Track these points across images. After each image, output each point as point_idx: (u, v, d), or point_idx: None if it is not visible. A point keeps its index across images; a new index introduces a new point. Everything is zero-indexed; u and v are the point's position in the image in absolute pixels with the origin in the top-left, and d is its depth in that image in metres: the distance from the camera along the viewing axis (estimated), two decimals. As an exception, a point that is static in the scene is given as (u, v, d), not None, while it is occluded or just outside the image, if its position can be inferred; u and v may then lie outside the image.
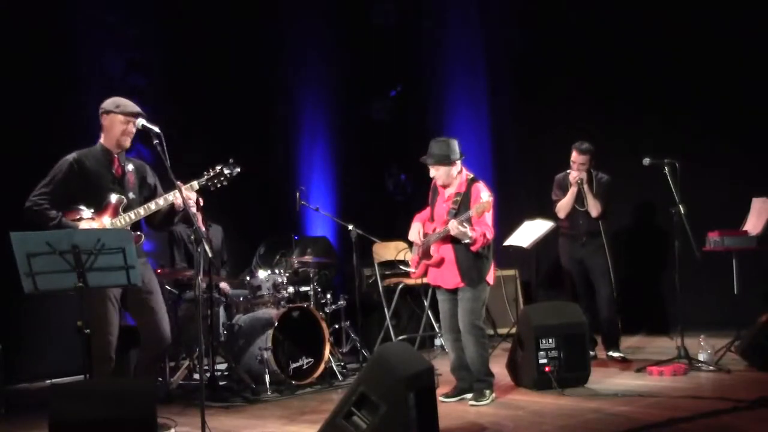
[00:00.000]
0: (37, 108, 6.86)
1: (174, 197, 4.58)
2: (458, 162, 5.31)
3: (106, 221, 4.50)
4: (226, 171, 4.73)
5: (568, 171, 6.64)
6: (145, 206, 4.62)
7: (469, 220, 5.05)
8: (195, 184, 4.67)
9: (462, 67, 9.49)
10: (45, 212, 4.41)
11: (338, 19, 9.42)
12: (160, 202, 4.61)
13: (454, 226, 5.03)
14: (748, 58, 7.40)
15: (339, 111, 9.49)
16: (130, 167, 4.76)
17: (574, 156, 6.54)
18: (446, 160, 5.26)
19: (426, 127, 9.64)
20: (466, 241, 5.07)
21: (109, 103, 4.68)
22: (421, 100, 9.71)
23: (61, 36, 7.21)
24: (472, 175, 5.34)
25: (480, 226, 5.08)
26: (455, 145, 5.32)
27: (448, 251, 5.24)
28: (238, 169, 4.77)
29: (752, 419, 4.46)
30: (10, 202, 4.71)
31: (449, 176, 5.30)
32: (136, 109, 4.66)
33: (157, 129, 4.54)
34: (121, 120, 4.63)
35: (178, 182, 4.48)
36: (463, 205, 5.16)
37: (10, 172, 6.48)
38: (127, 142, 4.68)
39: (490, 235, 5.15)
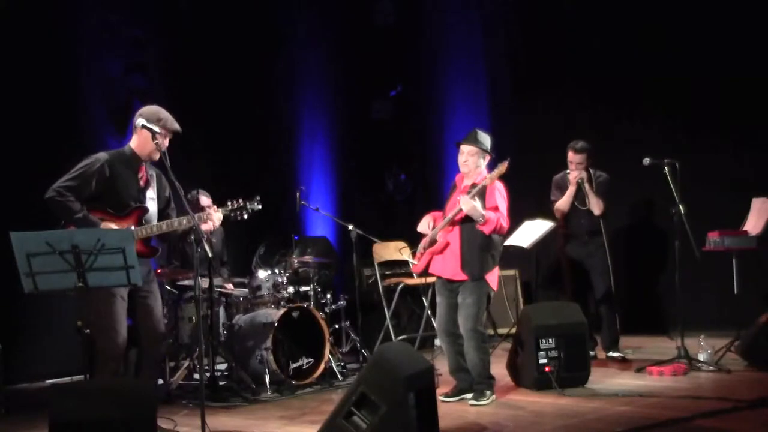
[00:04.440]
0: (38, 108, 6.86)
1: (200, 221, 4.58)
2: (487, 158, 5.31)
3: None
4: (249, 206, 4.92)
5: (566, 171, 6.64)
6: (168, 222, 4.61)
7: (482, 193, 5.04)
8: (220, 213, 4.80)
9: (462, 66, 9.49)
10: (70, 204, 4.35)
11: (338, 19, 9.42)
12: (184, 222, 4.60)
13: (465, 200, 5.00)
14: (748, 57, 7.39)
15: (339, 111, 9.49)
16: (152, 177, 4.75)
17: (571, 156, 6.55)
18: (481, 146, 5.26)
19: (426, 127, 9.66)
20: (478, 219, 5.03)
21: (150, 114, 4.60)
22: (421, 100, 9.72)
23: (62, 36, 7.21)
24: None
25: (496, 213, 5.08)
26: (490, 141, 5.34)
27: (454, 237, 5.23)
28: (260, 207, 4.96)
29: (752, 419, 4.46)
30: (10, 202, 4.72)
31: (476, 164, 5.28)
32: (177, 126, 4.63)
33: (157, 129, 4.55)
34: (161, 132, 4.57)
35: (214, 207, 4.69)
36: (476, 194, 5.11)
37: (10, 172, 6.49)
38: (158, 156, 4.61)
39: (505, 223, 5.14)
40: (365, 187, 9.46)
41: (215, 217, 4.70)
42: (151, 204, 4.67)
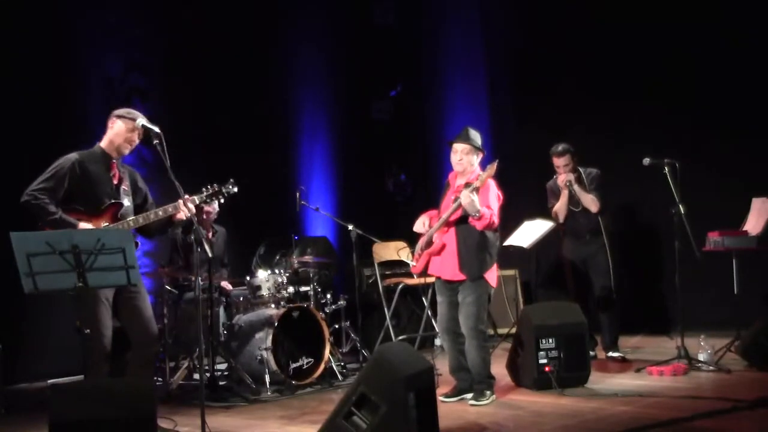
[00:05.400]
0: (38, 108, 6.86)
1: (175, 210, 4.62)
2: (480, 155, 5.32)
3: (104, 225, 4.50)
4: (224, 190, 4.92)
5: (555, 176, 6.65)
6: (145, 215, 4.65)
7: (475, 192, 5.03)
8: (195, 199, 4.79)
9: (462, 67, 9.49)
10: (45, 206, 4.39)
11: (338, 19, 9.43)
12: (159, 213, 4.64)
13: (465, 194, 4.97)
14: (748, 57, 7.40)
15: (339, 111, 9.49)
16: (125, 174, 4.79)
17: (555, 160, 6.56)
18: (474, 143, 5.26)
19: (426, 127, 9.66)
20: (474, 213, 5.01)
21: (121, 110, 4.72)
22: (421, 100, 9.72)
23: (62, 36, 7.21)
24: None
25: (489, 210, 5.09)
26: (480, 140, 5.35)
27: (450, 238, 5.23)
28: (235, 189, 4.96)
29: (752, 419, 4.46)
30: (10, 202, 4.71)
31: (470, 163, 5.27)
32: (145, 120, 4.69)
33: (157, 129, 4.56)
34: (129, 127, 4.64)
35: (186, 197, 4.59)
36: (473, 191, 5.11)
37: (10, 172, 6.48)
38: (127, 151, 4.71)
39: (496, 219, 5.15)
40: (365, 187, 9.46)
41: (185, 207, 4.63)
42: (126, 200, 4.69)
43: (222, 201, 4.94)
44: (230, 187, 4.94)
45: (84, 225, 4.42)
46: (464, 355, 5.27)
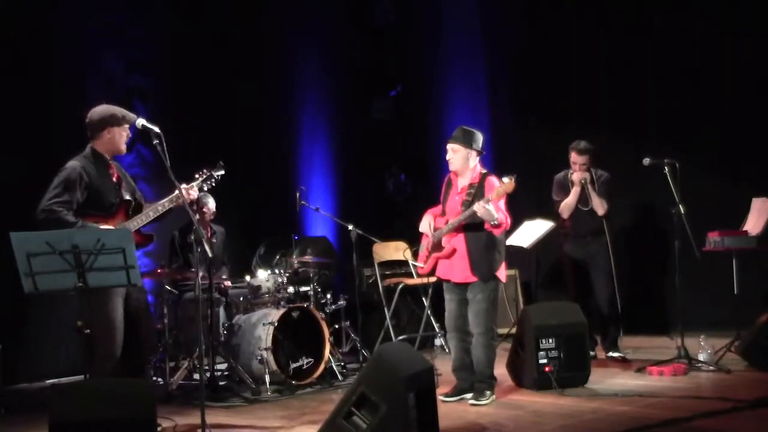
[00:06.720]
0: (37, 108, 6.86)
1: (178, 198, 4.66)
2: (476, 154, 5.29)
3: (121, 225, 4.53)
4: (215, 173, 5.02)
5: (568, 171, 6.63)
6: (155, 208, 4.69)
7: (489, 203, 5.03)
8: (195, 186, 4.86)
9: (462, 67, 9.49)
10: (64, 218, 4.38)
11: (338, 18, 9.43)
12: (166, 204, 4.68)
13: (480, 206, 4.96)
14: (748, 57, 7.39)
15: (339, 111, 9.49)
16: (118, 170, 4.83)
17: (574, 157, 6.54)
18: (467, 143, 5.25)
19: (426, 127, 9.65)
20: (493, 222, 5.01)
21: (108, 116, 4.66)
22: (421, 100, 9.72)
23: (62, 36, 7.21)
24: (485, 171, 5.32)
25: (502, 214, 5.10)
26: (480, 137, 5.33)
27: (459, 242, 5.22)
28: (222, 171, 5.06)
29: (752, 419, 4.46)
30: (10, 202, 4.73)
31: (465, 162, 5.26)
32: (134, 115, 4.74)
33: (157, 129, 4.55)
34: (126, 129, 4.69)
35: (182, 185, 4.62)
36: (477, 196, 5.12)
37: (10, 172, 6.49)
38: (125, 149, 4.79)
39: (510, 221, 5.17)
40: (365, 187, 9.46)
41: (192, 192, 4.78)
42: (127, 195, 4.74)
43: (214, 184, 5.00)
44: (219, 170, 5.03)
45: (104, 227, 4.45)
46: (469, 355, 5.27)
